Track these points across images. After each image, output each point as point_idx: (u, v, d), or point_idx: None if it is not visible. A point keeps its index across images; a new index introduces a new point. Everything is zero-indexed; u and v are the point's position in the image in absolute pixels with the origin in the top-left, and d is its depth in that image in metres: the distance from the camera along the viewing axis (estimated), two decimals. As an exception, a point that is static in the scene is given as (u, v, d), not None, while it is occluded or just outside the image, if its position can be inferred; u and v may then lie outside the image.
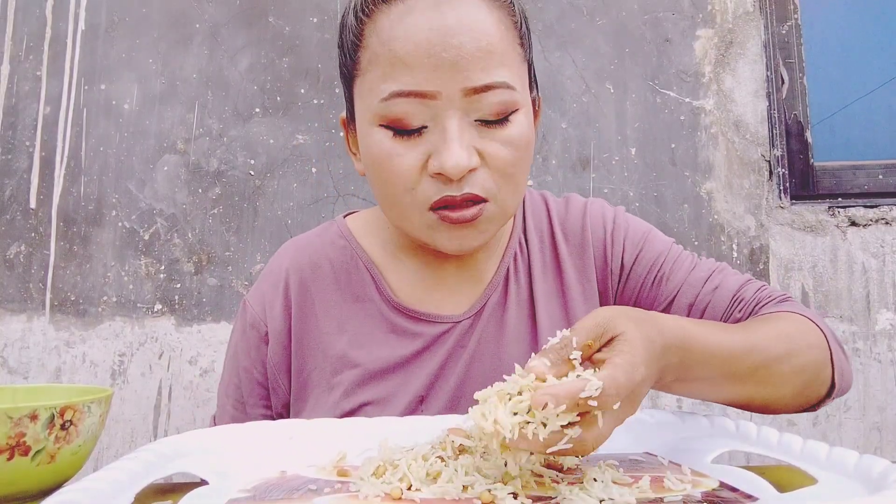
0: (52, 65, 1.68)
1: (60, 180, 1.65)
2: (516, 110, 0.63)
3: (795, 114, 1.67)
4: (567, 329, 0.49)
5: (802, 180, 1.65)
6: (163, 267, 1.62)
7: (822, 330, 0.65)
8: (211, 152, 1.66)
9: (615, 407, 0.44)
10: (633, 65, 1.68)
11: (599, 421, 0.44)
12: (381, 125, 0.63)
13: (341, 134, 1.63)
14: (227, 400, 0.79)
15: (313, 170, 1.66)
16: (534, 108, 0.72)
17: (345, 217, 0.84)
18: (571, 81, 1.68)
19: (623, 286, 0.78)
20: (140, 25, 1.70)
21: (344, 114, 0.73)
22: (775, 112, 1.66)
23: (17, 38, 1.68)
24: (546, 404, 0.42)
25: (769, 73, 1.67)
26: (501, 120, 0.63)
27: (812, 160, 1.66)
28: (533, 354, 0.48)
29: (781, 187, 1.64)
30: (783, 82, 1.68)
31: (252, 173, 1.66)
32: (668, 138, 1.66)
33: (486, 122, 0.62)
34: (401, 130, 0.62)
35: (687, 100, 1.67)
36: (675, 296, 0.74)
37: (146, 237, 1.63)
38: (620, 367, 0.45)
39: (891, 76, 1.73)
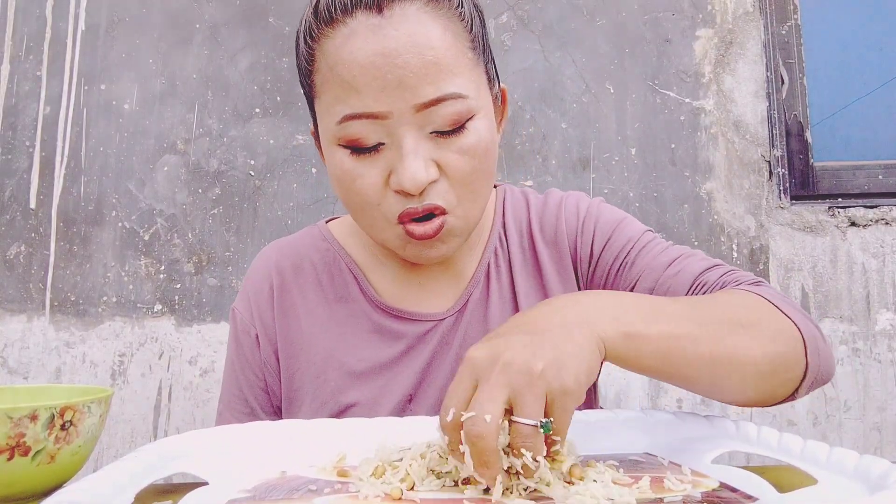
0: (52, 65, 1.68)
1: (60, 180, 1.65)
2: (472, 117, 0.63)
3: (795, 114, 1.67)
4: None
5: (802, 180, 1.65)
6: (163, 267, 1.62)
7: (783, 311, 0.59)
8: (211, 152, 1.66)
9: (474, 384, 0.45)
10: (633, 65, 1.68)
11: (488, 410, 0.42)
12: (339, 145, 0.64)
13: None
14: (230, 416, 0.78)
15: (313, 170, 1.66)
16: (496, 104, 0.70)
17: (327, 222, 0.85)
18: (571, 81, 1.68)
19: (592, 274, 0.77)
20: (140, 25, 1.70)
21: (312, 127, 0.74)
22: (775, 112, 1.66)
23: (17, 38, 1.68)
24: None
25: (769, 74, 1.67)
26: (457, 129, 0.63)
27: (812, 160, 1.66)
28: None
29: (781, 187, 1.64)
30: (783, 82, 1.68)
31: (252, 173, 1.66)
32: (668, 138, 1.66)
33: (441, 133, 0.62)
34: (358, 149, 0.63)
35: (687, 100, 1.67)
36: (637, 281, 0.72)
37: (146, 237, 1.63)
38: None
39: (891, 76, 1.73)
